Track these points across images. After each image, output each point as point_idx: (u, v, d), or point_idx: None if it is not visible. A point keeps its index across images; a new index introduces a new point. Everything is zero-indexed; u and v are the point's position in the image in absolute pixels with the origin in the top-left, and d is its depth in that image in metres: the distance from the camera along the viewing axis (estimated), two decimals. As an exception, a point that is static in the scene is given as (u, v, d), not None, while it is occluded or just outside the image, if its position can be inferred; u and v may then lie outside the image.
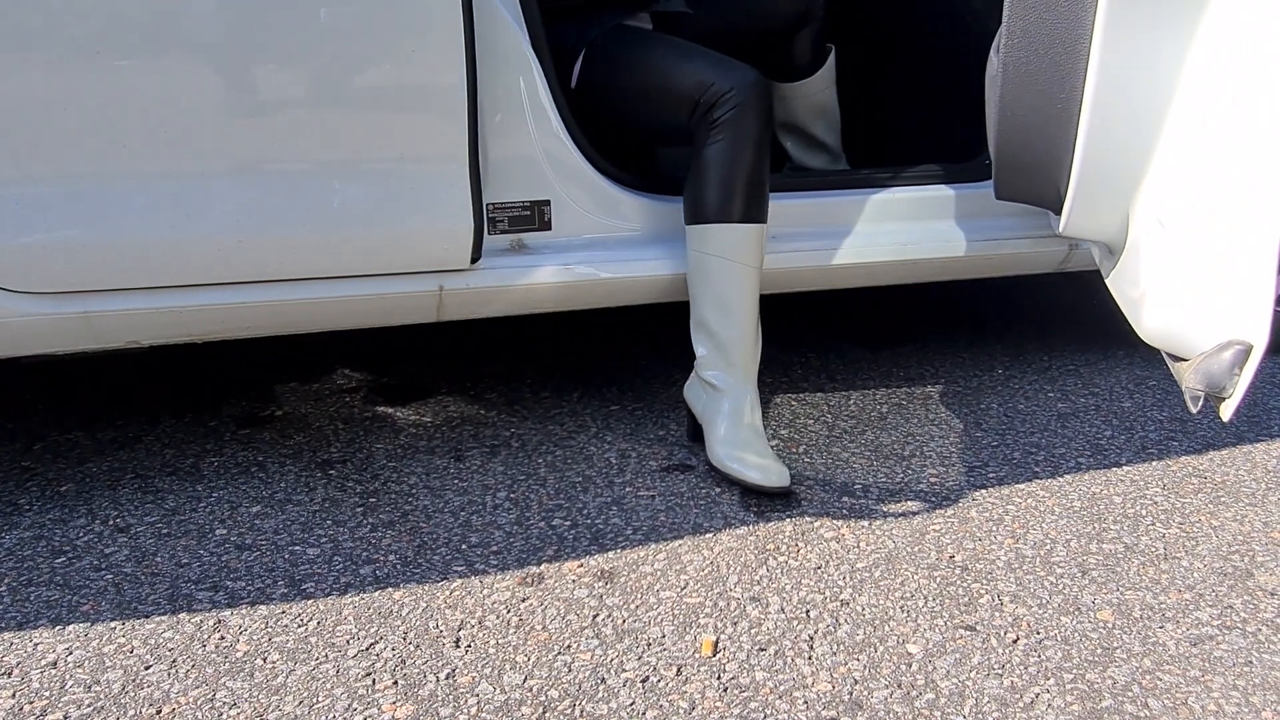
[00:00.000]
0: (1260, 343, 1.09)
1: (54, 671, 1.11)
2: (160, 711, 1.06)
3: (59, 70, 1.20)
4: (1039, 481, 1.58)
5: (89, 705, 1.06)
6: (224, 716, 1.05)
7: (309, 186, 1.33)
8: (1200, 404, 1.16)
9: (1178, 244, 1.14)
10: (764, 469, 1.48)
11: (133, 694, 1.08)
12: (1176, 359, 1.19)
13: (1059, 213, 1.22)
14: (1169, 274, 1.16)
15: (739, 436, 1.52)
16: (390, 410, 1.79)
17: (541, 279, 1.49)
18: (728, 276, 1.51)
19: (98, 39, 1.20)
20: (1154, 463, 1.64)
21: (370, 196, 1.35)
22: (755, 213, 1.52)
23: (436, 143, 1.36)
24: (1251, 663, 1.16)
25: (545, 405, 1.82)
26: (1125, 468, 1.63)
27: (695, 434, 1.61)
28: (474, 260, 1.43)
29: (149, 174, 1.26)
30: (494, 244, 1.47)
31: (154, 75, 1.24)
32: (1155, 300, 1.18)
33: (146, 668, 1.12)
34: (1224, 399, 1.12)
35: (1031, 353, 2.12)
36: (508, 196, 1.47)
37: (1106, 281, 1.30)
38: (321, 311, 1.40)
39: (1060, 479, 1.58)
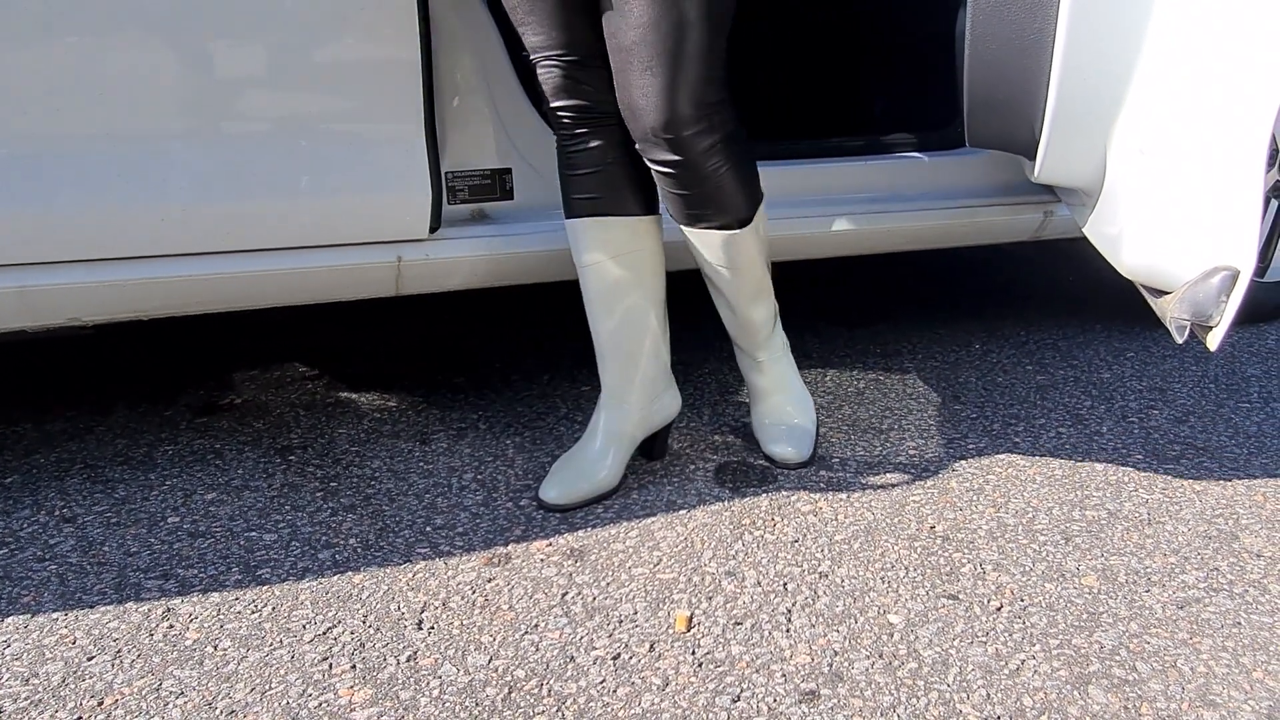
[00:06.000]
0: (1247, 267, 1.05)
1: (-10, 665, 1.05)
2: (102, 703, 0.99)
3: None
4: (1019, 451, 1.54)
5: (26, 699, 1.00)
6: (170, 706, 0.99)
7: (260, 153, 1.27)
8: (1186, 334, 1.13)
9: (1160, 171, 1.10)
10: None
11: (73, 685, 1.02)
12: (1159, 293, 1.15)
13: (1033, 158, 1.18)
14: (1151, 204, 1.12)
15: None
16: (353, 396, 1.73)
17: (504, 249, 1.44)
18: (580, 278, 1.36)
19: None
20: (1135, 431, 1.62)
21: (324, 164, 1.30)
22: (604, 206, 1.31)
23: (391, 109, 1.31)
24: (1240, 623, 1.13)
25: (514, 388, 1.77)
26: (1106, 436, 1.60)
27: (645, 450, 1.48)
28: (433, 230, 1.38)
29: (90, 138, 1.20)
30: (454, 214, 1.42)
31: (97, 37, 1.18)
32: (1136, 234, 1.14)
33: (89, 659, 1.06)
34: (1211, 327, 1.08)
35: (1009, 328, 2.09)
36: (468, 165, 1.42)
37: (1084, 229, 1.26)
38: (275, 285, 1.34)
39: (1041, 448, 1.55)
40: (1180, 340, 1.13)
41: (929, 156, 1.71)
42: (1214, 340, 1.09)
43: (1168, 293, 1.13)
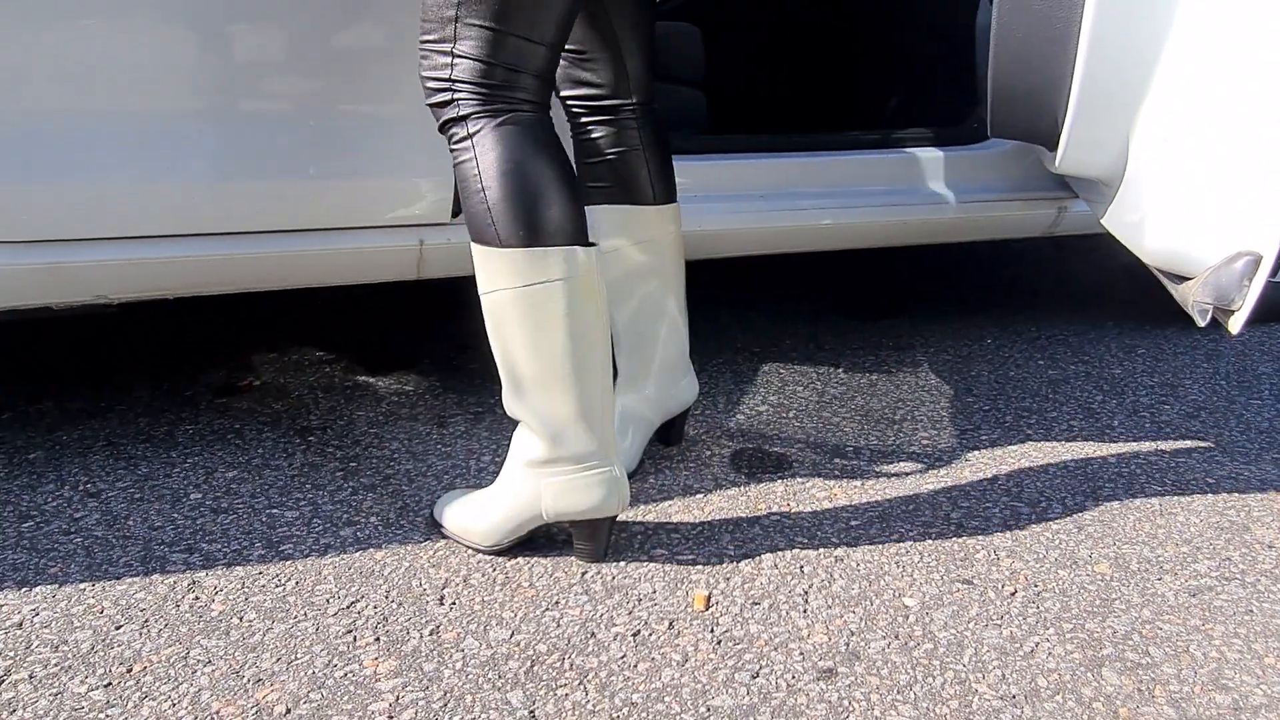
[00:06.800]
0: (1270, 252, 1.07)
1: (19, 632, 1.06)
2: (131, 670, 1.01)
3: (17, 10, 1.16)
4: (1032, 443, 1.56)
5: (56, 664, 1.02)
6: (198, 673, 1.01)
7: (285, 136, 1.29)
8: (1208, 318, 1.14)
9: (1183, 158, 1.11)
10: None
11: (102, 653, 1.03)
12: (1180, 279, 1.16)
13: (1054, 149, 1.20)
14: (1175, 190, 1.13)
15: None
16: (372, 379, 1.75)
17: (526, 235, 1.45)
18: None
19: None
20: (1146, 425, 1.63)
21: (348, 147, 1.31)
22: (618, 194, 1.29)
23: (415, 93, 1.32)
24: (1252, 611, 1.14)
25: (530, 374, 1.78)
26: (1118, 429, 1.61)
27: (663, 435, 1.48)
28: (455, 215, 1.39)
29: (117, 117, 1.22)
30: (477, 198, 1.43)
31: (124, 15, 1.19)
32: (1160, 220, 1.16)
33: (117, 627, 1.08)
34: (1233, 311, 1.10)
35: (1021, 324, 2.11)
36: (491, 150, 1.43)
37: (1103, 220, 1.28)
38: (298, 266, 1.36)
39: (1053, 440, 1.57)
40: (1203, 323, 1.14)
41: (944, 151, 1.73)
42: (1236, 324, 1.11)
43: (1189, 278, 1.14)
